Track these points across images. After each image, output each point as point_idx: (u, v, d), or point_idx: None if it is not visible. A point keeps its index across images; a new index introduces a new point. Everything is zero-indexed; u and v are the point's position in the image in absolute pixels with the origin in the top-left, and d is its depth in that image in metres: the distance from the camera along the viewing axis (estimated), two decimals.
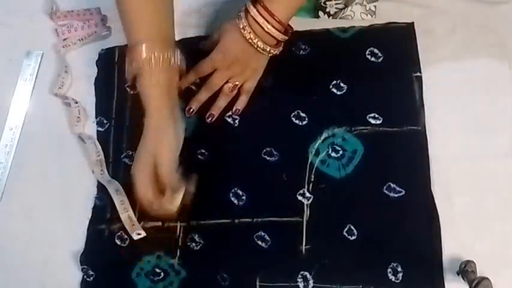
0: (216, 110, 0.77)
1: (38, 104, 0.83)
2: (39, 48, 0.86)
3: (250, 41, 0.70)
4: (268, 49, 0.71)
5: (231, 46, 0.72)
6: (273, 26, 0.69)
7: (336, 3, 0.80)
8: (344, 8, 0.79)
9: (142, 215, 0.74)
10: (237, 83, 0.75)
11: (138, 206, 0.74)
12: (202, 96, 0.77)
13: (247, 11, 0.69)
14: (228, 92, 0.76)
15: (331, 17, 0.80)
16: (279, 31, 0.69)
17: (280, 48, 0.73)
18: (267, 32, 0.69)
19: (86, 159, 0.78)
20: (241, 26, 0.70)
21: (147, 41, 0.68)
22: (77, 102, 0.80)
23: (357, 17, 0.80)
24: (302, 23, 0.80)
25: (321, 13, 0.80)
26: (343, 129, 0.74)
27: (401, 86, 0.76)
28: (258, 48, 0.70)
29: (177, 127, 0.71)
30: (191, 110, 0.77)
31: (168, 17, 0.72)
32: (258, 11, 0.68)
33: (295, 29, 0.80)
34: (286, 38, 0.71)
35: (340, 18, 0.80)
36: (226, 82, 0.75)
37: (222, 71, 0.75)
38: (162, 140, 0.69)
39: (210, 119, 0.77)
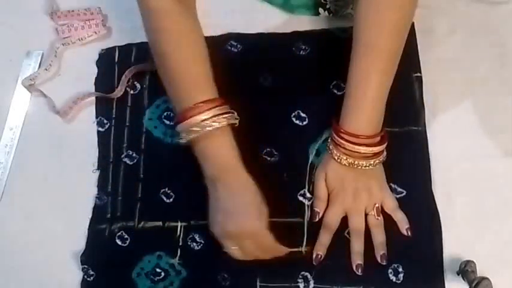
0: (382, 248, 0.68)
1: (38, 104, 0.83)
2: (39, 48, 0.86)
3: (352, 166, 0.66)
4: (373, 162, 0.66)
5: (342, 180, 0.68)
6: (365, 145, 0.65)
7: (337, 0, 0.80)
8: (345, 6, 0.79)
9: (142, 214, 0.74)
10: (377, 205, 0.68)
11: (138, 206, 0.75)
12: (356, 246, 0.68)
13: (335, 143, 0.67)
14: (376, 222, 0.68)
15: (331, 15, 0.80)
16: (373, 145, 0.65)
17: (385, 154, 0.68)
18: (362, 154, 0.65)
19: (86, 159, 0.78)
20: (336, 158, 0.67)
21: (210, 100, 0.65)
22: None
23: None
24: (302, 23, 0.80)
25: (321, 10, 0.80)
26: None
27: (401, 86, 0.75)
28: (363, 167, 0.66)
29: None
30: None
31: (211, 75, 0.69)
32: (344, 139, 0.65)
33: (295, 29, 0.81)
34: (384, 146, 0.67)
35: (340, 16, 0.80)
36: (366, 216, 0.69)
37: (353, 211, 0.69)
38: (260, 199, 0.66)
39: (384, 261, 0.67)
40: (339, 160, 0.67)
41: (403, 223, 0.69)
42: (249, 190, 0.66)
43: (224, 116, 0.66)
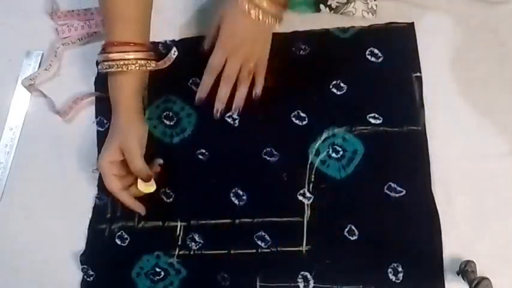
0: (241, 102, 0.75)
1: (37, 104, 0.83)
2: (39, 48, 0.86)
3: (259, 18, 0.70)
4: (270, 17, 0.71)
5: (235, 28, 0.72)
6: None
7: None
8: (346, 3, 0.79)
9: (140, 216, 0.74)
10: (251, 64, 0.74)
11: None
12: (223, 92, 0.75)
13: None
14: (247, 77, 0.74)
15: (332, 11, 0.80)
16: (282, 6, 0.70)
17: (282, 18, 0.73)
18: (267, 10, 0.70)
19: (86, 159, 0.78)
20: (246, 9, 0.70)
21: (125, 42, 0.71)
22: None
23: (358, 14, 0.79)
24: (302, 22, 0.80)
25: (322, 6, 0.80)
26: (344, 129, 0.74)
27: (401, 86, 0.76)
28: (267, 21, 0.71)
29: (144, 127, 0.75)
30: (218, 111, 0.75)
31: (148, 17, 0.76)
32: None
33: (295, 28, 0.81)
34: (284, 11, 0.72)
35: (341, 13, 0.80)
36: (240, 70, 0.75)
37: (233, 58, 0.73)
38: (133, 138, 0.71)
39: (236, 111, 0.76)
40: (248, 11, 0.70)
41: (257, 86, 0.75)
42: (118, 129, 0.72)
43: (136, 61, 0.72)
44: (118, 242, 0.74)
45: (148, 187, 0.73)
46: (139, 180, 0.72)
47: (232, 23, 0.72)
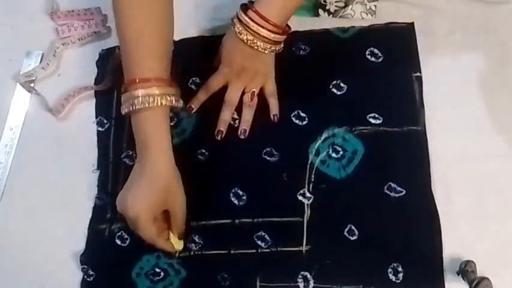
0: (246, 124, 0.75)
1: (37, 104, 0.83)
2: (39, 48, 0.86)
3: (249, 43, 0.69)
4: (269, 47, 0.70)
5: (233, 54, 0.72)
6: (268, 30, 0.68)
7: (336, 2, 0.80)
8: (344, 7, 0.79)
9: None
10: (253, 90, 0.74)
11: None
12: (226, 115, 0.75)
13: (239, 18, 0.69)
14: (249, 102, 0.75)
15: (331, 16, 0.80)
16: (276, 33, 0.69)
17: (282, 45, 0.72)
18: (262, 36, 0.68)
19: (86, 159, 0.78)
20: (237, 31, 0.69)
21: (152, 78, 0.66)
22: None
23: (357, 16, 0.80)
24: (302, 23, 0.80)
25: (321, 11, 0.80)
26: (344, 129, 0.74)
27: (401, 86, 0.76)
28: (259, 49, 0.70)
29: (178, 172, 0.69)
30: (222, 132, 0.75)
31: (171, 52, 0.71)
32: (250, 17, 0.68)
33: (295, 29, 0.80)
34: (284, 38, 0.71)
35: (340, 17, 0.80)
36: (243, 94, 0.75)
37: (234, 83, 0.74)
38: (181, 195, 0.68)
39: (243, 135, 0.75)
40: (239, 34, 0.69)
41: (273, 109, 0.75)
42: (158, 176, 0.65)
43: (163, 96, 0.65)
44: (118, 242, 0.74)
45: (178, 244, 0.71)
46: (171, 235, 0.70)
47: (232, 50, 0.72)
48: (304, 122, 0.76)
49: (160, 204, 0.66)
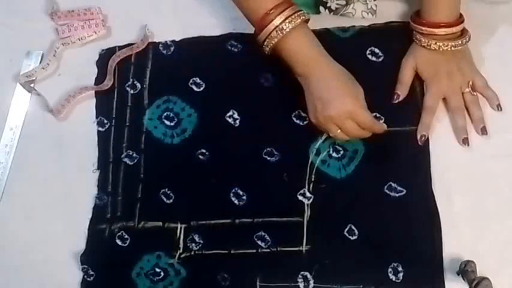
0: (481, 122, 0.73)
1: (37, 104, 0.83)
2: (39, 48, 0.86)
3: (442, 48, 0.71)
4: (460, 41, 0.71)
5: (435, 65, 0.73)
6: (446, 32, 0.70)
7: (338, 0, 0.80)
8: (346, 5, 0.79)
9: (142, 214, 0.74)
10: (470, 83, 0.73)
11: (138, 206, 0.75)
12: (460, 122, 0.73)
13: (420, 32, 0.72)
14: (472, 98, 0.73)
15: (332, 13, 0.80)
16: (455, 25, 0.70)
17: (468, 33, 0.73)
18: (446, 38, 0.71)
19: (86, 159, 0.78)
20: (426, 45, 0.72)
21: (279, 4, 0.68)
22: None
23: (358, 15, 0.80)
24: None
25: (322, 8, 0.80)
26: None
27: None
28: (453, 48, 0.71)
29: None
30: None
31: None
32: (428, 26, 0.71)
33: None
34: (464, 23, 0.72)
35: (341, 15, 0.80)
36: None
37: (451, 91, 0.73)
38: (352, 80, 0.69)
39: (485, 132, 0.72)
40: (428, 46, 0.72)
41: (494, 99, 0.73)
42: (339, 74, 0.69)
43: (295, 15, 0.68)
44: (118, 242, 0.74)
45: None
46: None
47: (431, 66, 0.73)
48: (305, 122, 0.76)
49: (355, 93, 0.68)
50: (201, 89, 0.80)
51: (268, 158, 0.75)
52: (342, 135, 0.69)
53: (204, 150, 0.76)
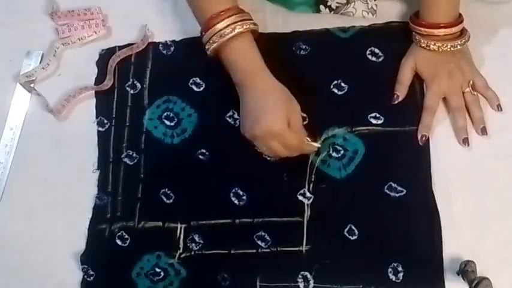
0: (482, 122, 0.72)
1: (37, 104, 0.83)
2: (39, 48, 0.86)
3: (441, 48, 0.71)
4: (460, 41, 0.71)
5: (435, 66, 0.73)
6: (445, 32, 0.71)
7: None
8: (346, 4, 0.79)
9: (142, 214, 0.74)
10: (470, 83, 0.73)
11: (138, 206, 0.75)
12: (460, 122, 0.72)
13: (418, 33, 0.72)
14: (473, 98, 0.73)
15: (332, 12, 0.80)
16: (453, 26, 0.71)
17: (468, 33, 0.73)
18: (445, 39, 0.71)
19: (86, 159, 0.78)
20: (425, 46, 0.72)
21: (224, 10, 0.68)
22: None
23: (358, 15, 0.80)
24: (303, 21, 0.80)
25: (322, 7, 0.80)
26: (344, 129, 0.74)
27: None
28: (452, 48, 0.71)
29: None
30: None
31: None
32: (426, 27, 0.71)
33: (295, 28, 0.81)
34: (462, 25, 0.72)
35: (341, 13, 0.80)
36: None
37: (451, 91, 0.73)
38: (287, 97, 0.69)
39: (485, 133, 0.72)
40: (427, 47, 0.72)
41: (494, 99, 0.73)
42: (274, 91, 0.68)
43: (241, 22, 0.68)
44: (118, 242, 0.74)
45: (316, 143, 0.71)
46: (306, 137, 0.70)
47: (431, 66, 0.73)
48: (305, 122, 0.75)
49: (287, 112, 0.67)
50: (201, 89, 0.80)
51: (268, 158, 0.74)
52: (269, 153, 0.69)
53: (204, 150, 0.76)
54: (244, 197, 0.74)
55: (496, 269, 0.65)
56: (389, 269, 0.68)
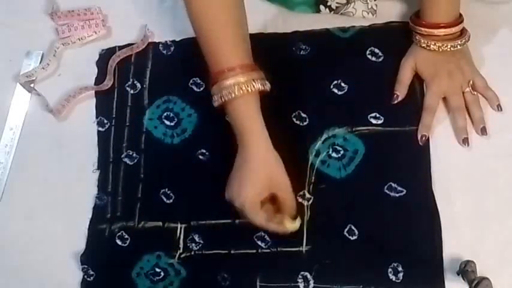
0: (481, 122, 0.72)
1: (37, 104, 0.83)
2: (39, 48, 0.86)
3: (441, 48, 0.71)
4: (460, 41, 0.71)
5: (435, 65, 0.73)
6: (445, 32, 0.71)
7: None
8: (346, 4, 0.79)
9: (142, 214, 0.74)
10: (470, 83, 0.73)
11: (138, 206, 0.75)
12: (460, 122, 0.72)
13: (419, 33, 0.72)
14: (473, 98, 0.73)
15: (332, 12, 0.80)
16: (454, 26, 0.71)
17: (468, 33, 0.73)
18: (445, 39, 0.71)
19: (86, 159, 0.78)
20: (425, 46, 0.72)
21: (239, 65, 0.66)
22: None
23: (358, 15, 0.80)
24: (303, 20, 0.80)
25: (322, 7, 0.80)
26: (344, 129, 0.74)
27: None
28: (452, 48, 0.71)
29: (278, 156, 0.68)
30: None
31: (247, 38, 0.70)
32: (427, 27, 0.71)
33: (295, 28, 0.81)
34: (462, 25, 0.72)
35: (341, 13, 0.80)
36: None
37: (451, 91, 0.73)
38: (283, 171, 0.67)
39: (485, 133, 0.72)
40: (427, 47, 0.72)
41: (494, 99, 0.73)
42: (262, 164, 0.66)
43: (249, 83, 0.65)
44: (118, 242, 0.74)
45: (294, 224, 0.68)
46: (286, 216, 0.68)
47: (431, 66, 0.73)
48: (305, 123, 0.76)
49: (265, 189, 0.66)
50: (201, 89, 0.80)
51: None
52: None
53: (204, 150, 0.76)
54: None
55: (496, 269, 0.65)
56: (390, 269, 0.68)
